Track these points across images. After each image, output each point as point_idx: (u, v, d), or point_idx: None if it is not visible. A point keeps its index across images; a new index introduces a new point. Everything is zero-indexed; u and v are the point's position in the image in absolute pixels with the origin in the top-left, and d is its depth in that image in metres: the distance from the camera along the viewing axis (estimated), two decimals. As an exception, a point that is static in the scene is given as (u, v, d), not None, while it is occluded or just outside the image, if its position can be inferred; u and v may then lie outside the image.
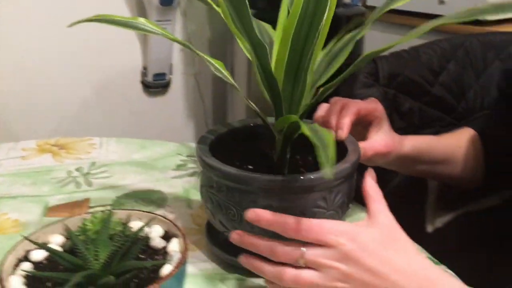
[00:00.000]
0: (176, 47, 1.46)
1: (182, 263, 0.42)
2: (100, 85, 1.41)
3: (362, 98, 0.86)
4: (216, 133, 0.61)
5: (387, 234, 0.46)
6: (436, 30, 1.53)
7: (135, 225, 0.50)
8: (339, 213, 0.53)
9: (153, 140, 0.97)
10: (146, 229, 0.49)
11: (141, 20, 0.54)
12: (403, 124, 0.88)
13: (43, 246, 0.43)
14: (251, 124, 0.65)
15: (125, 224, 0.46)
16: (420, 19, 1.57)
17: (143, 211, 0.50)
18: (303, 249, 0.45)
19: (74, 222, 0.48)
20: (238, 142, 0.63)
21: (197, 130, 1.59)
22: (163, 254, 0.46)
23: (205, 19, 1.45)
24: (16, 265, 0.44)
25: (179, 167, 0.85)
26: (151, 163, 0.88)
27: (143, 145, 0.95)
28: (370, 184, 0.50)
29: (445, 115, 0.91)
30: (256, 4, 1.33)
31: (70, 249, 0.44)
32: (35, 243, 0.43)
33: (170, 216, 0.70)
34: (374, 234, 0.46)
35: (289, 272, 0.45)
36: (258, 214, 0.47)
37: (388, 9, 0.55)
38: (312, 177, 0.49)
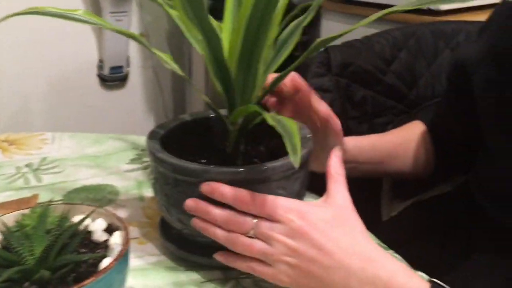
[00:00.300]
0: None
1: (122, 256, 0.41)
2: (55, 79, 1.37)
3: (315, 87, 0.86)
4: (167, 127, 0.60)
5: (338, 215, 0.48)
6: (389, 20, 1.56)
7: (77, 219, 0.49)
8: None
9: (108, 134, 0.95)
10: (89, 223, 0.48)
11: (80, 11, 0.53)
12: (357, 113, 0.89)
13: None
14: (203, 117, 0.65)
15: (64, 218, 0.45)
16: (377, 10, 1.58)
17: (85, 204, 0.49)
18: (255, 220, 0.47)
19: (12, 218, 0.47)
20: (190, 135, 0.62)
21: (157, 123, 1.57)
22: (104, 247, 0.45)
23: (162, 11, 1.43)
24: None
25: (133, 161, 0.84)
26: (105, 157, 0.86)
27: (97, 139, 0.93)
28: (334, 164, 0.51)
29: (397, 103, 0.92)
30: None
31: (6, 245, 0.42)
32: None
33: (121, 209, 0.69)
34: (325, 214, 0.47)
35: (242, 239, 0.47)
36: (213, 187, 0.48)
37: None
38: (269, 166, 0.49)
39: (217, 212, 0.49)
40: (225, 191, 0.48)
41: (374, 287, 0.44)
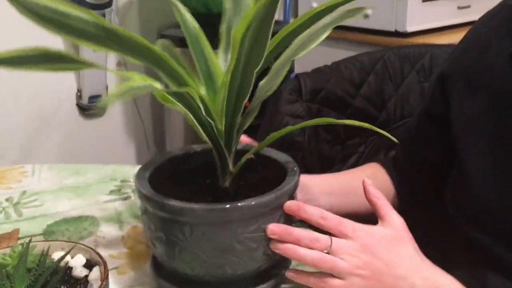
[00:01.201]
0: (111, 66, 1.45)
1: (100, 292, 0.42)
2: (34, 109, 1.38)
3: (288, 113, 0.89)
4: (155, 163, 0.61)
5: (397, 234, 0.55)
6: (360, 42, 1.60)
7: (57, 256, 0.50)
8: None
9: (88, 164, 0.96)
10: (68, 259, 0.49)
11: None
12: (329, 136, 0.92)
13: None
14: (192, 151, 0.65)
15: (44, 256, 0.46)
16: (349, 32, 1.64)
17: (65, 241, 0.50)
18: (332, 238, 0.53)
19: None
20: (180, 171, 0.63)
21: (138, 151, 1.58)
22: (84, 283, 0.46)
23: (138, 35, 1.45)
24: None
25: (112, 192, 0.84)
26: (84, 188, 0.87)
27: (76, 170, 0.93)
28: (374, 191, 0.58)
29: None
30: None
31: (-13, 285, 0.43)
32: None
33: (102, 240, 0.70)
34: (386, 233, 0.54)
35: (327, 257, 0.52)
36: (298, 204, 0.54)
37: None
38: (258, 202, 0.52)
39: (299, 232, 0.53)
40: (310, 209, 0.54)
41: None
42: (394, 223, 0.55)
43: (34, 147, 1.41)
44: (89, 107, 1.45)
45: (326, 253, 0.53)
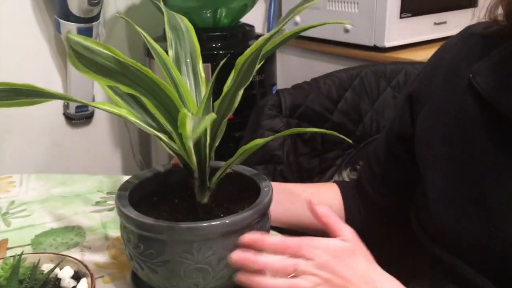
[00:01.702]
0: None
1: (87, 303, 0.45)
2: (21, 119, 1.40)
3: (268, 128, 0.93)
4: (138, 180, 0.63)
5: (350, 246, 0.58)
6: (340, 55, 1.64)
7: (47, 267, 0.53)
8: None
9: (75, 174, 0.98)
10: (57, 270, 0.52)
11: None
12: (307, 149, 0.95)
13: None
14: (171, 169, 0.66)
15: (35, 268, 0.49)
16: (329, 45, 1.69)
17: (54, 253, 0.53)
18: (297, 261, 0.55)
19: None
20: (161, 186, 0.65)
21: (123, 160, 1.60)
22: (72, 293, 0.49)
23: (126, 51, 1.48)
24: None
25: (98, 203, 0.87)
26: (71, 198, 0.89)
27: (63, 181, 0.96)
28: (321, 210, 0.60)
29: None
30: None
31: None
32: None
33: (88, 251, 0.73)
34: (342, 246, 0.57)
35: (293, 281, 0.54)
36: (254, 238, 0.54)
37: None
38: (239, 217, 0.54)
39: (265, 259, 0.54)
40: (268, 240, 0.55)
41: None
42: (347, 237, 0.58)
43: (21, 155, 1.42)
44: (76, 117, 1.47)
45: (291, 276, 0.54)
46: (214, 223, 0.52)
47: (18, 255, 0.50)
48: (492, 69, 0.62)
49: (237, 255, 0.53)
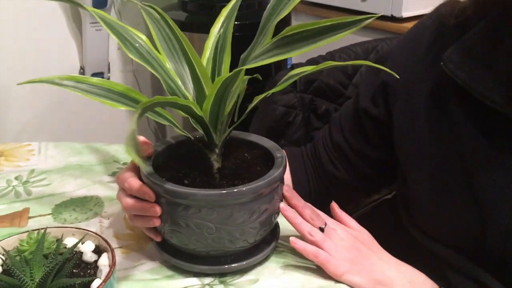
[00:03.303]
0: (113, 46, 1.48)
1: (108, 278, 0.47)
2: (39, 87, 1.41)
3: (281, 103, 0.93)
4: (156, 151, 0.66)
5: (360, 235, 0.66)
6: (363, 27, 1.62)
7: (69, 241, 0.55)
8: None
9: (91, 143, 1.00)
10: (79, 245, 0.54)
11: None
12: (321, 124, 0.96)
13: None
14: (184, 140, 0.69)
15: (58, 242, 0.51)
16: (346, 14, 1.66)
17: (76, 228, 0.55)
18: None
19: (10, 242, 0.53)
20: (176, 157, 0.67)
21: (140, 128, 1.62)
22: (94, 268, 0.51)
23: (140, 18, 1.47)
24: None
25: (114, 173, 0.89)
26: (88, 167, 0.91)
27: (79, 150, 0.98)
28: (335, 207, 0.69)
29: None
30: (186, 6, 1.37)
31: (8, 270, 0.48)
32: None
33: (106, 221, 0.75)
34: (348, 231, 0.66)
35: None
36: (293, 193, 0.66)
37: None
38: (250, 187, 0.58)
39: (306, 203, 0.66)
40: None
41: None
42: (353, 226, 0.67)
43: (39, 122, 1.45)
44: (91, 84, 1.48)
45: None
46: (233, 190, 0.57)
47: (43, 229, 0.52)
48: (465, 54, 0.60)
49: (287, 190, 0.65)
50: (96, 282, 0.48)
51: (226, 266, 0.62)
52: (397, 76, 0.56)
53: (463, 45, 0.61)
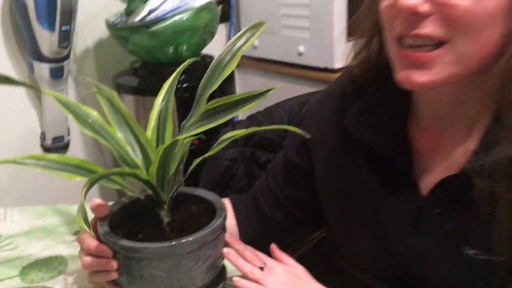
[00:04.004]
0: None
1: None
2: (1, 152, 1.46)
3: (225, 158, 1.02)
4: (112, 211, 0.73)
5: (296, 271, 0.72)
6: (296, 76, 1.74)
7: (36, 299, 0.61)
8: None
9: (54, 205, 1.05)
10: (45, 301, 0.60)
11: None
12: (262, 173, 1.05)
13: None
14: (136, 199, 0.76)
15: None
16: (286, 67, 1.79)
17: (43, 287, 0.61)
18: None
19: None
20: (130, 215, 0.74)
21: (100, 187, 1.67)
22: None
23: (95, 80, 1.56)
24: None
25: (77, 232, 0.95)
26: (52, 228, 0.97)
27: (43, 213, 1.02)
28: (274, 247, 0.76)
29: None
30: (137, 72, 1.47)
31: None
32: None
33: (70, 278, 0.81)
34: (289, 270, 0.72)
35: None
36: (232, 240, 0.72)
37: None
38: (197, 236, 0.65)
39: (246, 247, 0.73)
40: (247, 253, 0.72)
41: None
42: (291, 263, 0.74)
43: (3, 187, 1.48)
44: (52, 148, 1.54)
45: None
46: (182, 241, 0.64)
47: (11, 291, 0.58)
48: (361, 116, 0.72)
49: (228, 237, 0.71)
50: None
51: (180, 309, 0.69)
52: (308, 136, 0.66)
53: (359, 108, 0.72)
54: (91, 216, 0.67)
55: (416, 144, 0.68)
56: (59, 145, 1.53)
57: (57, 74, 1.36)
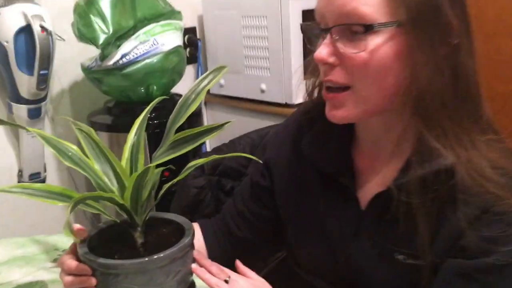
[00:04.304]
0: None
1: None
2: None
3: (193, 186, 1.11)
4: (90, 234, 0.79)
5: (258, 284, 0.78)
6: (258, 111, 1.84)
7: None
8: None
9: (33, 236, 1.11)
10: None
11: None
12: (228, 199, 1.14)
13: None
14: (112, 224, 0.84)
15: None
16: (250, 103, 1.90)
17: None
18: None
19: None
20: (107, 238, 0.80)
21: (76, 217, 1.72)
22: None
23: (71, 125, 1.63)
24: None
25: (55, 260, 1.01)
26: (32, 257, 1.02)
27: (22, 244, 1.08)
28: (239, 263, 0.82)
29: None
30: (111, 111, 1.55)
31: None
32: None
33: (51, 300, 0.87)
34: (248, 281, 0.78)
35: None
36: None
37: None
38: (167, 253, 0.72)
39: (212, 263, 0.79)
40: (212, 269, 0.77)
41: None
42: (253, 277, 0.79)
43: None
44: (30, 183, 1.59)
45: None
46: (153, 257, 0.71)
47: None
48: (312, 140, 0.83)
49: (196, 253, 0.78)
50: None
51: (153, 320, 0.76)
52: (261, 162, 0.76)
53: (312, 135, 0.83)
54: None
55: (357, 165, 0.79)
56: (36, 181, 1.58)
57: (34, 114, 1.43)
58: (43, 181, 1.61)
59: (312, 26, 0.73)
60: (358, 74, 0.67)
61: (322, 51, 0.68)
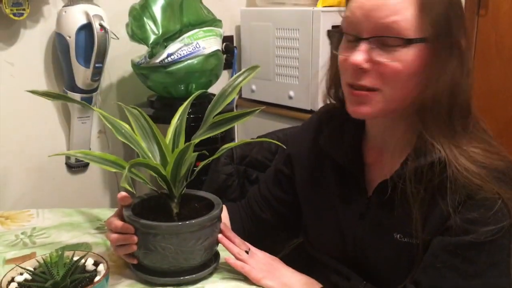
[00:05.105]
0: (94, 134, 1.73)
1: (105, 275, 0.70)
2: (33, 169, 1.63)
3: (223, 172, 1.20)
4: (133, 203, 0.89)
5: (271, 257, 0.89)
6: (286, 116, 1.92)
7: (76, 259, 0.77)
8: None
9: (78, 208, 1.21)
10: (84, 261, 0.76)
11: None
12: (252, 187, 1.22)
13: (28, 270, 0.69)
14: (152, 195, 0.94)
15: (72, 257, 0.74)
16: (278, 108, 1.98)
17: (82, 251, 0.78)
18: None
19: (30, 263, 0.75)
20: (147, 207, 0.91)
21: (112, 199, 1.83)
22: (95, 272, 0.73)
23: (117, 113, 1.75)
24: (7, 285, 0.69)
25: (97, 228, 1.11)
26: (78, 224, 1.13)
27: (69, 213, 1.18)
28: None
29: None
30: (153, 104, 1.66)
31: (40, 272, 0.70)
32: (24, 268, 0.69)
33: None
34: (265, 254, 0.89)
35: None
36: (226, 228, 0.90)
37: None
38: (197, 220, 0.82)
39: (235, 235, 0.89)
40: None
41: None
42: (259, 254, 0.89)
43: (33, 196, 1.65)
44: (75, 165, 1.71)
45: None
46: (186, 222, 0.82)
47: (60, 251, 0.75)
48: (329, 135, 0.91)
49: (223, 226, 0.87)
50: (97, 278, 0.70)
51: (182, 278, 0.84)
52: (284, 147, 0.85)
53: (329, 131, 0.91)
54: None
55: (366, 158, 0.87)
56: (81, 163, 1.70)
57: (86, 103, 1.55)
58: (87, 164, 1.72)
59: (343, 33, 0.79)
60: (388, 80, 0.74)
61: (359, 57, 0.74)
